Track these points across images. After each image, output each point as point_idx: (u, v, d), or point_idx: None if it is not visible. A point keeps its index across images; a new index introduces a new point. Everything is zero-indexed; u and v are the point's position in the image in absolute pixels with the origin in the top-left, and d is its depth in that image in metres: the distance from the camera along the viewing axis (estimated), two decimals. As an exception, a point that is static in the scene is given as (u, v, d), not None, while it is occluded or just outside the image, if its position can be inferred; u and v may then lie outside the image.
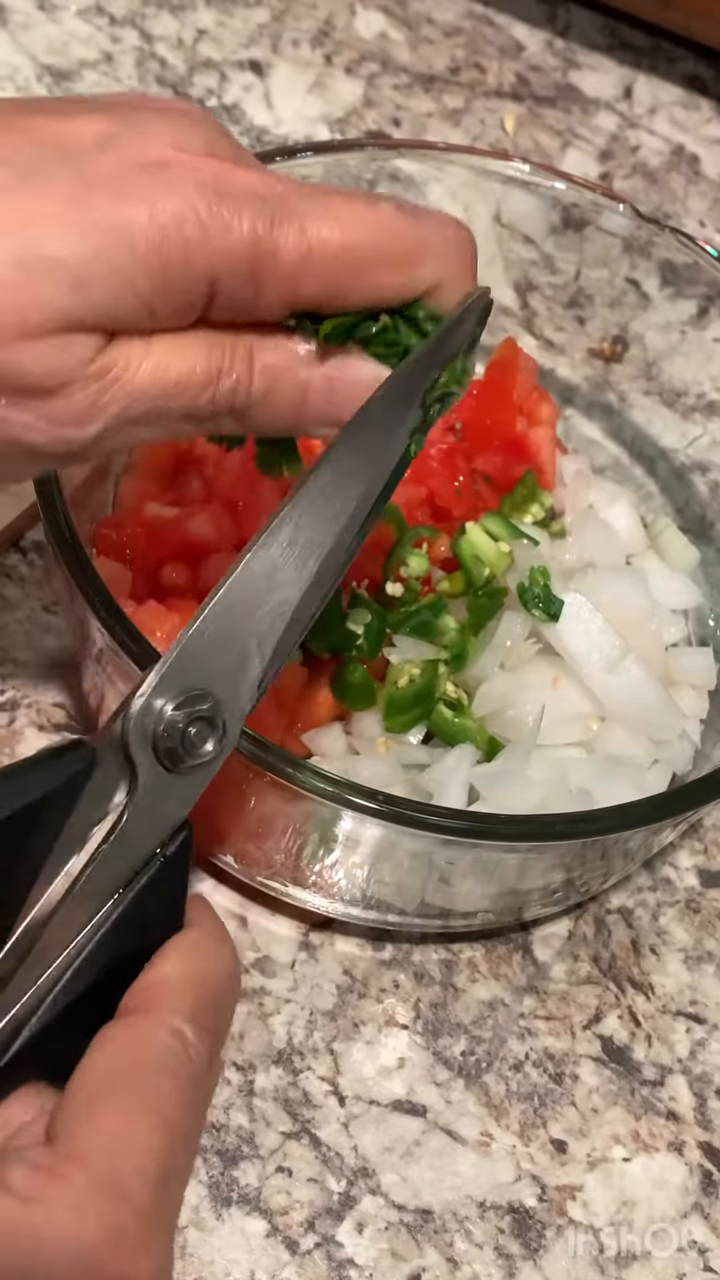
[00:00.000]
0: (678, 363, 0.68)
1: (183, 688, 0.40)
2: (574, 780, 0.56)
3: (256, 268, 0.41)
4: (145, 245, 0.39)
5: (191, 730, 0.40)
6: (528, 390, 0.65)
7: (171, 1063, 0.38)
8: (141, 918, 0.40)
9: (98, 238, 0.39)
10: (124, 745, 0.40)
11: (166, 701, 0.40)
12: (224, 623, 0.41)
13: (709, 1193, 0.55)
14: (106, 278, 0.39)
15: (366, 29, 0.84)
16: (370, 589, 0.59)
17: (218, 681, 0.41)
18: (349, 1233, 0.52)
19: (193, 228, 0.40)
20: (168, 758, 0.40)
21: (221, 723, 0.41)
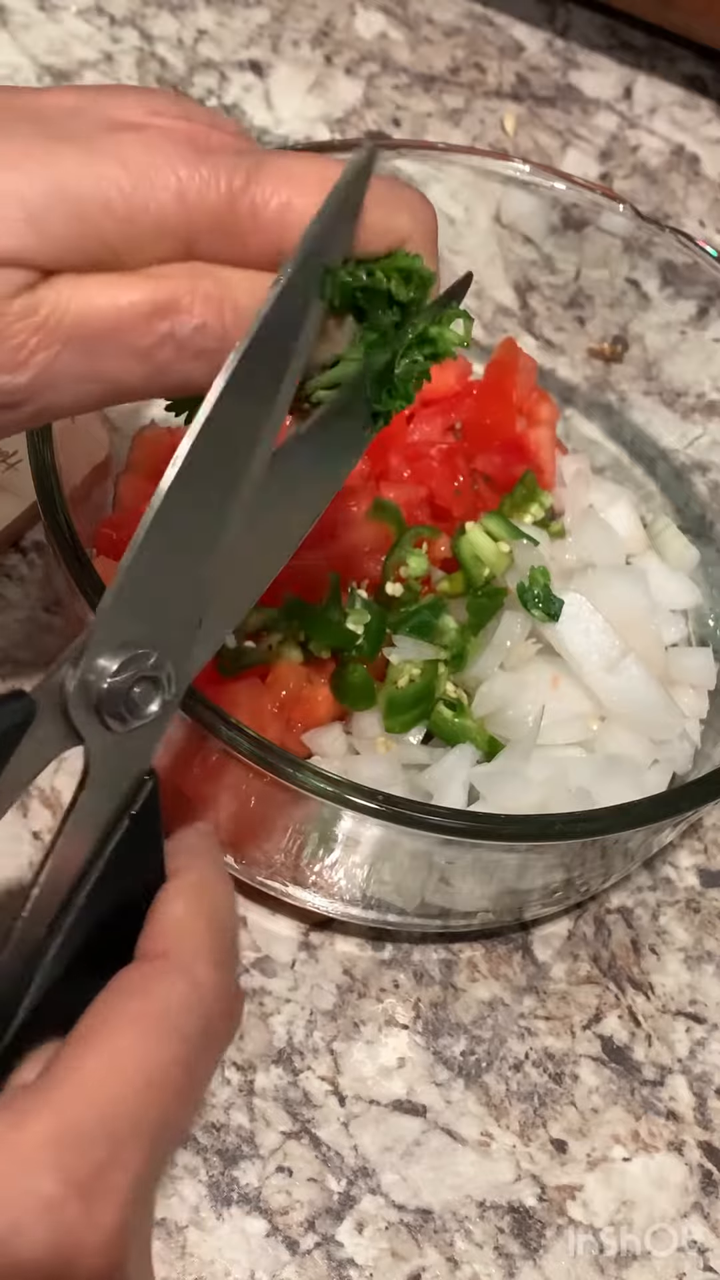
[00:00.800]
0: (678, 363, 0.68)
1: (121, 645, 0.38)
2: (574, 780, 0.56)
3: (235, 224, 0.39)
4: (118, 198, 0.38)
5: (136, 691, 0.38)
6: (528, 390, 0.65)
7: (182, 1014, 0.36)
8: (124, 874, 0.39)
9: (65, 181, 0.38)
10: (64, 708, 0.38)
11: (107, 661, 0.38)
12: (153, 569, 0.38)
13: (709, 1193, 0.55)
14: (67, 218, 0.38)
15: (366, 29, 0.84)
16: (370, 589, 0.59)
17: (156, 633, 0.39)
18: (349, 1233, 0.52)
19: (167, 182, 0.39)
20: (113, 719, 0.38)
21: (166, 678, 0.39)
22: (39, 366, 0.39)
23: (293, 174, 0.40)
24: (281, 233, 0.40)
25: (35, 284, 0.38)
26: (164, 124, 0.40)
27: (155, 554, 0.38)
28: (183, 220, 0.39)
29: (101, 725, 0.39)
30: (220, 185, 0.39)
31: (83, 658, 0.38)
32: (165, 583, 0.39)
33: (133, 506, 0.60)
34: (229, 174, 0.39)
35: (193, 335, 0.40)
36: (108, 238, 0.38)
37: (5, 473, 0.62)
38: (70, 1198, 0.33)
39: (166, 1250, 0.51)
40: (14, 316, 0.38)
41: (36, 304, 0.38)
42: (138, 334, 0.39)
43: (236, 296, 0.40)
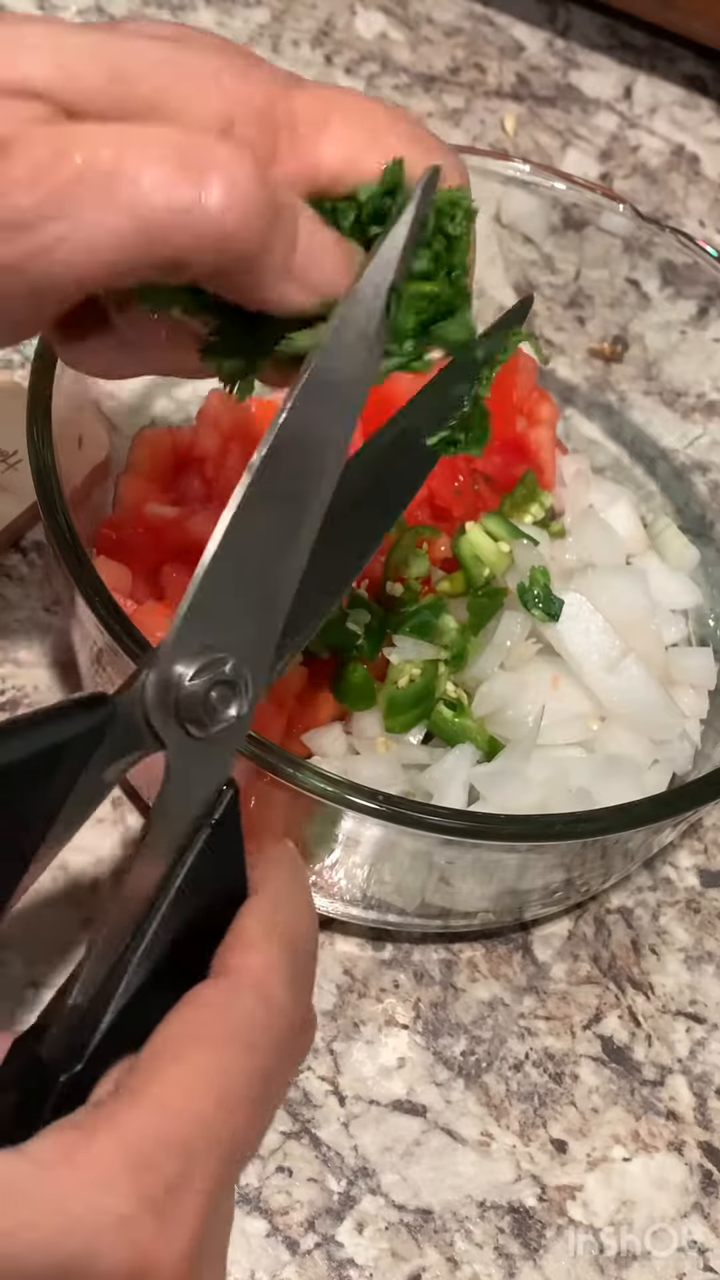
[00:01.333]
0: (678, 363, 0.68)
1: (199, 650, 0.38)
2: (574, 780, 0.56)
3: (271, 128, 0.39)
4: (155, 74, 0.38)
5: (213, 695, 0.39)
6: (528, 390, 0.65)
7: (255, 1031, 0.36)
8: (206, 884, 0.39)
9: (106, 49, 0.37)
10: (144, 711, 0.38)
11: (185, 667, 0.38)
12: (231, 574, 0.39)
13: (709, 1193, 0.55)
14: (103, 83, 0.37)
15: (366, 29, 0.84)
16: (370, 589, 0.59)
17: (233, 639, 0.39)
18: (349, 1233, 0.52)
19: (209, 76, 0.38)
20: (193, 724, 0.39)
21: (244, 684, 0.39)
22: (55, 184, 0.37)
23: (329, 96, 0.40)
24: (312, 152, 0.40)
25: (62, 119, 0.37)
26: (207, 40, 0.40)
27: (231, 558, 0.39)
28: (218, 110, 0.38)
29: (182, 730, 0.39)
30: (262, 86, 0.39)
31: (161, 661, 0.38)
32: (240, 588, 0.39)
33: (133, 506, 0.60)
34: (270, 80, 0.40)
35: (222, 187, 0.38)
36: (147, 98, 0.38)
37: (5, 473, 0.62)
38: (144, 1215, 0.33)
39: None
40: (38, 138, 0.37)
41: (64, 130, 0.37)
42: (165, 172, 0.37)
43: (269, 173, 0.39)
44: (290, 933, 0.39)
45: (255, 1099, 0.36)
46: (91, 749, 0.38)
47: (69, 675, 0.61)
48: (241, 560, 0.39)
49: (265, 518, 0.39)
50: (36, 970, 0.54)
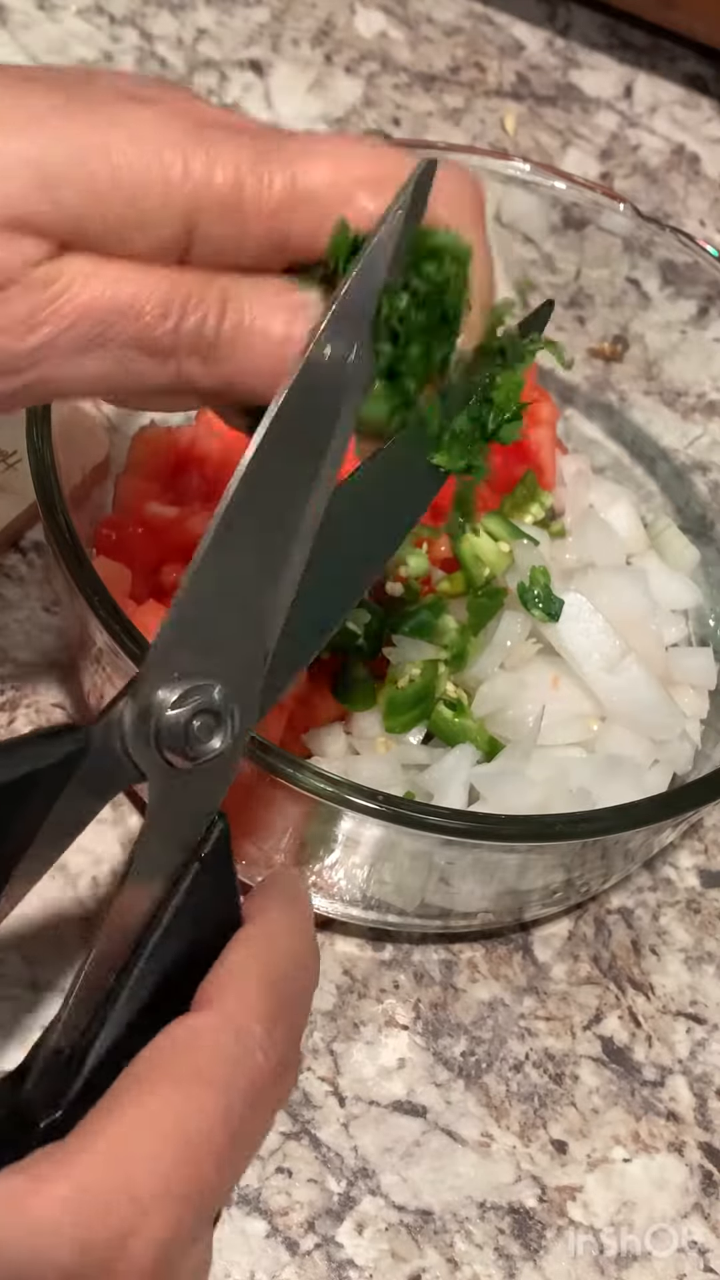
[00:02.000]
0: (678, 363, 0.68)
1: (179, 677, 0.37)
2: (574, 780, 0.56)
3: (239, 203, 0.39)
4: (126, 170, 0.38)
5: (195, 724, 0.37)
6: (528, 390, 0.65)
7: (222, 1068, 0.34)
8: (193, 921, 0.38)
9: (78, 149, 0.37)
10: (121, 740, 0.37)
11: (166, 694, 0.37)
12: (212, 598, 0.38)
13: (709, 1193, 0.55)
14: (79, 190, 0.37)
15: (366, 28, 0.84)
16: (370, 589, 0.59)
17: (217, 666, 0.38)
18: (349, 1233, 0.52)
19: (177, 159, 0.38)
20: (174, 754, 0.37)
21: (229, 714, 0.38)
22: (46, 337, 0.38)
23: (300, 152, 0.40)
24: (283, 216, 0.40)
25: (55, 255, 0.38)
26: (182, 103, 0.40)
27: (212, 581, 0.38)
28: (187, 196, 0.38)
29: (163, 761, 0.38)
30: (228, 160, 0.39)
31: (139, 688, 0.37)
32: (224, 614, 0.38)
33: (132, 506, 0.60)
34: (236, 150, 0.39)
35: (195, 328, 0.40)
36: (116, 211, 0.38)
37: (5, 473, 0.62)
38: (87, 1269, 0.32)
39: None
40: (32, 283, 0.38)
41: (56, 274, 0.38)
42: (147, 323, 0.39)
43: (242, 302, 0.40)
44: (277, 968, 0.37)
45: (224, 1143, 0.34)
46: (63, 780, 0.37)
47: (69, 675, 0.61)
48: (225, 584, 0.38)
49: (250, 537, 0.38)
50: (36, 970, 0.54)
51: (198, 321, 0.40)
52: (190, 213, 0.39)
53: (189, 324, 0.39)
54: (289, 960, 0.38)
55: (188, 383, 0.41)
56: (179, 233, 0.39)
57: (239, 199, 0.39)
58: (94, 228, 0.38)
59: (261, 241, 0.40)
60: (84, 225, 0.38)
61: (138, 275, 0.39)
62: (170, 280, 0.39)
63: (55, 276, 0.38)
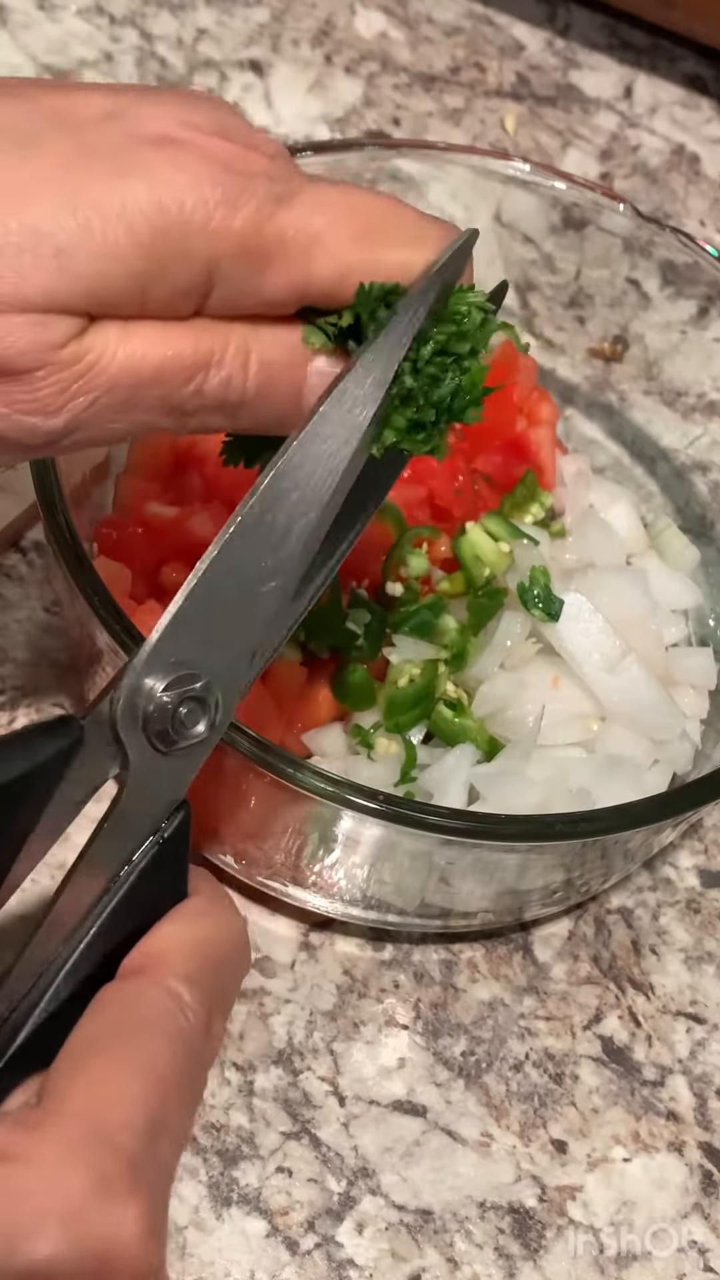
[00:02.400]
0: (678, 363, 0.68)
1: (172, 665, 0.39)
2: (574, 780, 0.56)
3: (259, 251, 0.39)
4: (143, 224, 0.37)
5: (182, 711, 0.39)
6: (528, 390, 0.65)
7: (164, 1022, 0.37)
8: (143, 901, 0.39)
9: (91, 212, 0.37)
10: (113, 726, 0.39)
11: (156, 681, 0.39)
12: (213, 599, 0.39)
13: (709, 1193, 0.55)
14: (96, 256, 0.37)
15: (366, 29, 0.84)
16: (370, 589, 0.59)
17: (209, 659, 0.40)
18: (349, 1233, 0.52)
19: (196, 207, 0.38)
20: (159, 739, 0.39)
21: (214, 703, 0.40)
22: (77, 411, 0.39)
23: (324, 203, 0.40)
24: (305, 266, 0.40)
25: (81, 332, 0.38)
26: (198, 141, 0.39)
27: (216, 584, 0.39)
28: (207, 245, 0.39)
29: (149, 745, 0.39)
30: (249, 211, 0.39)
31: (132, 676, 0.39)
32: (221, 613, 0.39)
33: (132, 507, 0.60)
34: (259, 200, 0.39)
35: (220, 389, 0.40)
36: (133, 266, 0.38)
37: (5, 473, 0.62)
38: (98, 1200, 0.33)
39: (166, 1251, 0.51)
40: (60, 363, 0.38)
41: (83, 352, 0.38)
42: (173, 386, 0.40)
43: (260, 350, 0.41)
44: (205, 940, 0.39)
45: (178, 1084, 0.36)
46: (60, 773, 0.38)
47: (69, 675, 0.61)
48: (225, 587, 0.39)
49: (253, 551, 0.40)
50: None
51: (222, 382, 0.40)
52: (211, 261, 0.39)
53: (213, 385, 0.40)
54: (211, 934, 0.40)
55: (208, 431, 0.42)
56: (199, 281, 0.39)
57: (260, 247, 0.39)
58: (114, 286, 0.38)
59: (281, 290, 0.40)
60: (105, 286, 0.38)
61: (161, 339, 0.39)
62: (193, 341, 0.40)
63: (82, 354, 0.38)
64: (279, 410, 0.42)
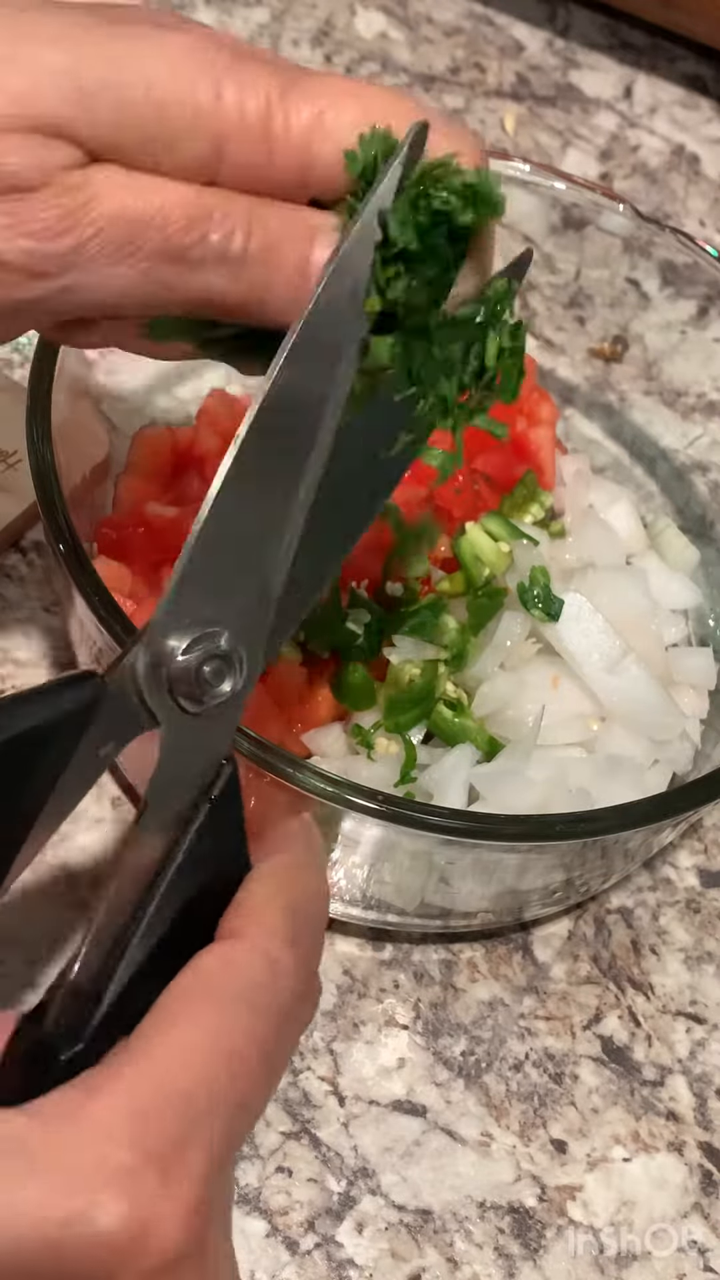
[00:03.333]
0: (678, 363, 0.68)
1: (189, 624, 0.38)
2: (574, 780, 0.56)
3: (266, 131, 0.40)
4: (160, 86, 0.39)
5: (206, 669, 0.39)
6: (528, 390, 0.65)
7: (253, 992, 0.36)
8: (205, 862, 0.38)
9: (111, 62, 0.39)
10: (135, 684, 0.38)
11: (176, 641, 0.38)
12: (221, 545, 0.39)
13: (709, 1193, 0.55)
14: (113, 102, 0.39)
15: (366, 29, 0.84)
16: (370, 589, 0.59)
17: (225, 611, 0.39)
18: (349, 1233, 0.52)
19: (207, 82, 0.39)
20: (187, 699, 0.39)
21: (239, 657, 0.39)
22: (78, 239, 0.39)
23: (328, 89, 0.41)
24: (308, 147, 0.41)
25: (86, 164, 0.39)
26: (205, 32, 0.41)
27: (220, 529, 0.39)
28: (217, 120, 0.40)
29: (176, 706, 0.39)
30: (258, 89, 0.40)
31: (152, 635, 0.38)
32: (230, 562, 0.39)
33: (132, 507, 0.60)
34: (267, 80, 0.40)
35: (223, 241, 0.41)
36: (147, 128, 0.39)
37: (5, 473, 0.62)
38: (147, 1170, 0.33)
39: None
40: (64, 187, 0.39)
41: (87, 180, 0.39)
42: (174, 232, 0.40)
43: (267, 221, 0.41)
44: (296, 898, 0.39)
45: (259, 1060, 0.36)
46: (82, 727, 0.37)
47: (69, 675, 0.61)
48: (232, 530, 0.39)
49: (256, 486, 0.39)
50: (37, 971, 0.54)
51: (225, 236, 0.41)
52: (220, 138, 0.40)
53: (216, 237, 0.41)
54: (308, 895, 0.39)
55: (212, 298, 0.42)
56: (207, 157, 0.40)
57: (268, 127, 0.40)
58: (126, 142, 0.39)
59: (287, 171, 0.41)
60: (116, 138, 0.39)
61: (166, 187, 0.40)
62: (198, 193, 0.41)
63: (85, 182, 0.39)
64: (281, 282, 0.42)
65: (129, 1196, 0.33)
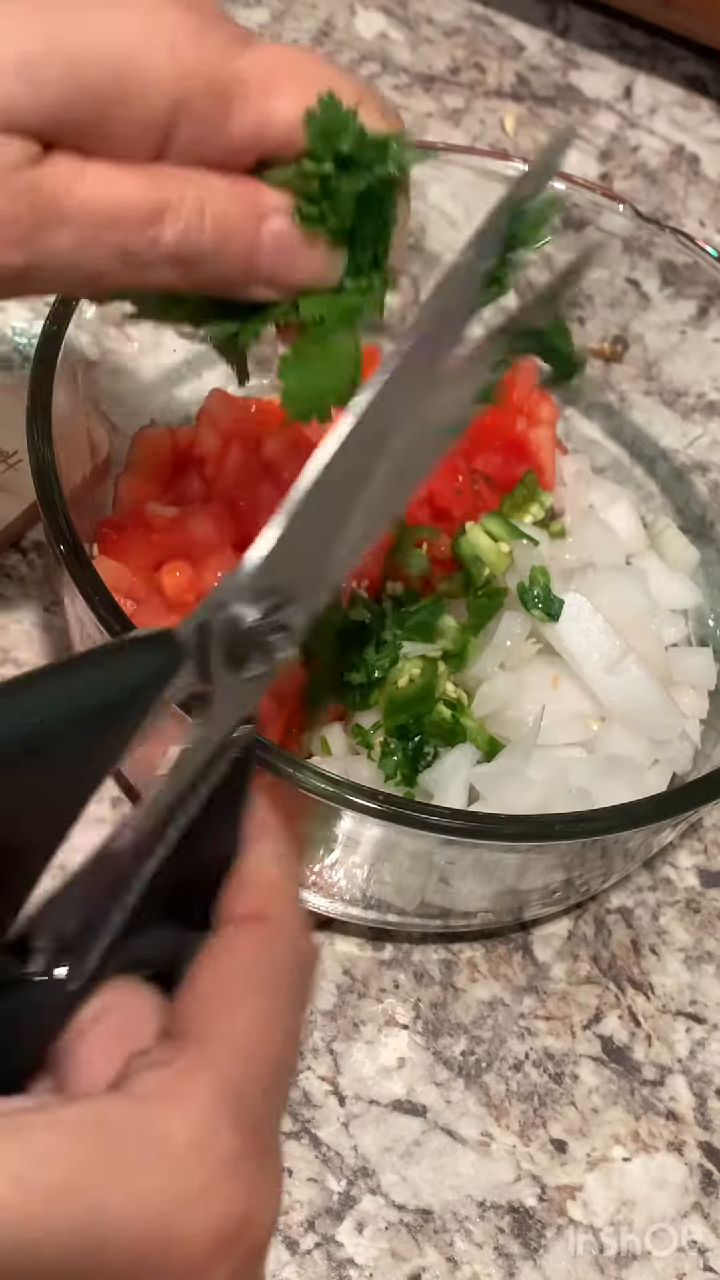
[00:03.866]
0: (678, 363, 0.68)
1: (264, 590, 0.38)
2: (574, 780, 0.56)
3: (223, 93, 0.40)
4: (111, 51, 0.38)
5: (271, 638, 0.38)
6: (528, 390, 0.65)
7: (288, 972, 0.36)
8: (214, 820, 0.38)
9: (59, 35, 0.38)
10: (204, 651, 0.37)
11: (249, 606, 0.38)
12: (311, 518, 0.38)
13: (709, 1193, 0.55)
14: (62, 69, 0.38)
15: (366, 29, 0.84)
16: (370, 589, 0.59)
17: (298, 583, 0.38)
18: (349, 1232, 0.52)
19: (161, 41, 0.38)
20: (245, 664, 0.38)
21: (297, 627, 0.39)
22: (35, 243, 0.39)
23: (282, 54, 0.41)
24: (263, 112, 0.40)
25: (39, 159, 0.38)
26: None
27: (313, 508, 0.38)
28: (173, 82, 0.39)
29: (233, 669, 0.38)
30: (213, 48, 0.39)
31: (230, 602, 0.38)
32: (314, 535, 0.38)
33: (132, 506, 0.60)
34: (222, 40, 0.40)
35: (176, 240, 0.41)
36: (101, 95, 0.38)
37: (5, 473, 0.62)
38: (250, 1154, 0.33)
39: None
40: (17, 189, 0.38)
41: (40, 180, 0.38)
42: (130, 230, 0.40)
43: (216, 203, 0.41)
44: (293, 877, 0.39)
45: (294, 1036, 0.36)
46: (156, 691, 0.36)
47: (69, 675, 0.61)
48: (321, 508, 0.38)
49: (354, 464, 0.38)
50: (36, 970, 0.54)
51: (178, 234, 0.40)
52: (174, 96, 0.39)
53: (169, 235, 0.40)
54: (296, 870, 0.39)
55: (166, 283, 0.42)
56: (162, 117, 0.39)
57: (223, 84, 0.40)
58: (79, 112, 0.38)
59: (243, 131, 0.41)
60: (68, 111, 0.38)
61: (118, 177, 0.39)
62: (149, 184, 0.40)
63: (39, 183, 0.38)
64: (231, 268, 0.42)
65: (243, 1183, 0.32)
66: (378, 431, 0.39)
